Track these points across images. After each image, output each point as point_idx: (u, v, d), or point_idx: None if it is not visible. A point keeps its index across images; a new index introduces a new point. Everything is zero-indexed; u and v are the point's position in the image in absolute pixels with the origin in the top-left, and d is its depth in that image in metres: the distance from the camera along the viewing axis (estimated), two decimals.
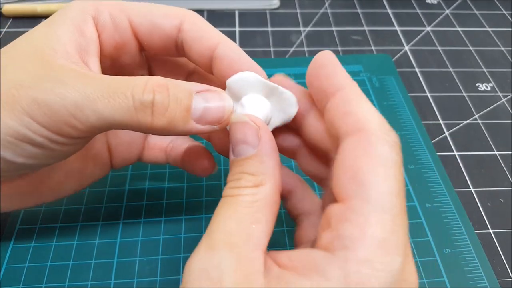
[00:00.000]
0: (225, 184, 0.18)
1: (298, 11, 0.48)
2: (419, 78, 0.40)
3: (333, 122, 0.17)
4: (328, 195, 0.20)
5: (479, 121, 0.36)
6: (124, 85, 0.17)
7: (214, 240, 0.15)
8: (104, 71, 0.21)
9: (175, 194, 0.29)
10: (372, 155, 0.15)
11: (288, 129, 0.22)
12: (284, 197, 0.22)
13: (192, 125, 0.18)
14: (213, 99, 0.18)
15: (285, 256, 0.16)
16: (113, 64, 0.23)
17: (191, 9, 0.22)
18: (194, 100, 0.18)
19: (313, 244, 0.20)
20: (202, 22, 0.21)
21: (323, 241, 0.15)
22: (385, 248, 0.14)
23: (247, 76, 0.20)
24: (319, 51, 0.19)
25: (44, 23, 0.20)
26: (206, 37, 0.21)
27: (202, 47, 0.21)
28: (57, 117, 0.17)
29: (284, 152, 0.22)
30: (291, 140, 0.22)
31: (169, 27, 0.21)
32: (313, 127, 0.20)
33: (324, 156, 0.20)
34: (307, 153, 0.21)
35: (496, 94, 0.39)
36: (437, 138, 0.35)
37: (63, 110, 0.17)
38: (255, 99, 0.20)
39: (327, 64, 0.18)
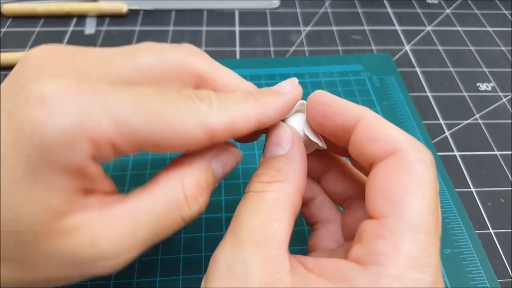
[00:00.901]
0: (225, 184, 0.18)
1: (298, 10, 0.48)
2: (419, 78, 0.40)
3: (363, 150, 0.17)
4: (351, 212, 0.21)
5: (480, 121, 0.36)
6: (167, 208, 0.17)
7: (239, 236, 0.16)
8: None
9: None
10: (408, 174, 0.15)
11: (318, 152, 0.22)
12: (304, 203, 0.22)
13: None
14: (228, 162, 0.19)
15: (311, 261, 0.16)
16: None
17: (191, 9, 0.21)
18: (214, 171, 0.18)
19: (331, 253, 0.20)
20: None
21: (354, 254, 0.15)
22: (417, 266, 0.14)
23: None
24: (319, 50, 0.19)
25: (22, 170, 0.13)
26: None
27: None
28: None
29: (313, 172, 0.22)
30: (326, 161, 0.22)
31: (191, 148, 0.17)
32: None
33: (350, 177, 0.21)
34: (334, 174, 0.22)
35: (497, 94, 0.39)
36: (438, 138, 0.35)
37: (124, 266, 0.16)
38: (297, 116, 0.20)
39: (331, 102, 0.18)
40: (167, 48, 0.18)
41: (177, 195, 0.17)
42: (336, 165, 0.22)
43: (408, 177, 0.15)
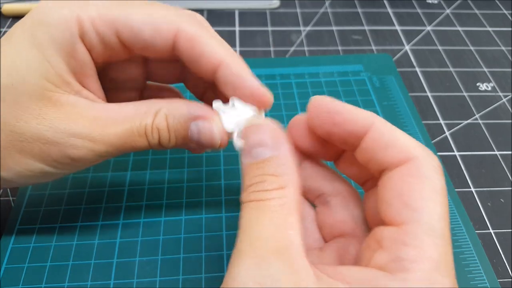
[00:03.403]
0: (225, 184, 0.18)
1: (298, 10, 0.48)
2: (419, 78, 0.40)
3: (374, 157, 0.17)
4: (328, 210, 0.21)
5: (480, 121, 0.36)
6: (138, 126, 0.20)
7: (257, 249, 0.15)
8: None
9: (175, 194, 0.29)
10: (424, 181, 0.16)
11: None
12: None
13: (191, 145, 0.21)
14: (205, 130, 0.20)
15: (331, 269, 0.16)
16: (104, 63, 0.22)
17: (191, 9, 0.22)
18: (190, 130, 0.21)
19: (320, 255, 0.20)
20: (198, 37, 0.20)
21: (376, 262, 0.16)
22: (440, 270, 0.15)
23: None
24: (319, 50, 0.19)
25: (27, 45, 0.19)
26: (204, 59, 0.21)
27: (201, 69, 0.21)
28: (86, 162, 0.20)
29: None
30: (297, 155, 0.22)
31: (162, 46, 0.21)
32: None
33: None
34: (311, 168, 0.21)
35: (497, 94, 0.39)
36: (438, 138, 0.35)
37: (93, 158, 0.20)
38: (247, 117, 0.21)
39: (340, 109, 0.18)
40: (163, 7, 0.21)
41: (149, 120, 0.20)
42: (309, 160, 0.21)
43: (424, 184, 0.16)
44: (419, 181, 0.16)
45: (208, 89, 0.26)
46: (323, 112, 0.18)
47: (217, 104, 0.21)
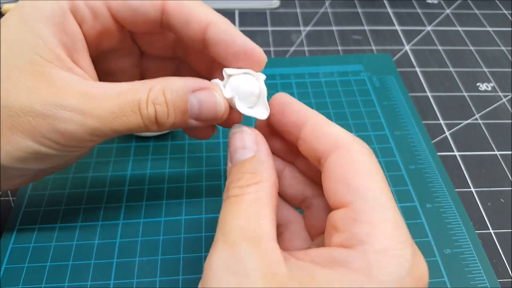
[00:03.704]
0: (225, 184, 0.18)
1: (298, 10, 0.48)
2: (419, 78, 0.40)
3: (311, 146, 0.19)
4: (312, 213, 0.21)
5: (480, 121, 0.36)
6: (131, 101, 0.19)
7: (230, 237, 0.16)
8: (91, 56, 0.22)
9: (174, 194, 0.29)
10: (356, 163, 0.17)
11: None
12: None
13: (191, 122, 0.21)
14: (206, 100, 0.20)
15: (299, 252, 0.17)
16: (97, 49, 0.22)
17: None
18: (189, 103, 0.20)
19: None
20: (185, 1, 0.21)
21: (335, 242, 0.17)
22: (395, 238, 0.16)
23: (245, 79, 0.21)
24: (319, 50, 0.20)
25: (17, 21, 0.19)
26: (193, 21, 0.21)
27: (191, 32, 0.21)
28: (77, 139, 0.19)
29: None
30: (278, 165, 0.22)
31: (152, 12, 0.21)
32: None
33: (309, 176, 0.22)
34: (291, 175, 0.22)
35: (497, 94, 0.39)
36: (438, 138, 0.35)
37: (84, 135, 0.19)
38: (245, 81, 0.21)
39: (290, 103, 0.20)
40: None
41: (143, 94, 0.19)
42: (288, 169, 0.22)
43: (356, 165, 0.17)
44: (351, 163, 0.17)
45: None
46: (278, 103, 0.20)
47: (215, 79, 0.21)
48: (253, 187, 0.18)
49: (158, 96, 0.19)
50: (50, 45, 0.19)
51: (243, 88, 0.21)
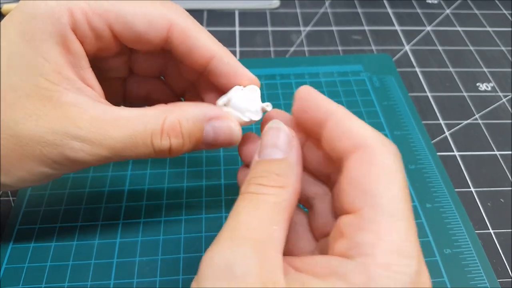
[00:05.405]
0: (225, 184, 0.18)
1: (298, 10, 0.48)
2: (419, 78, 0.40)
3: (333, 144, 0.18)
4: (316, 212, 0.21)
5: (480, 121, 0.36)
6: (143, 132, 0.19)
7: (237, 235, 0.15)
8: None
9: (175, 194, 0.29)
10: (376, 166, 0.16)
11: None
12: None
13: (201, 147, 0.21)
14: (221, 128, 0.20)
15: (297, 260, 0.16)
16: (93, 58, 0.22)
17: (191, 9, 0.22)
18: (204, 132, 0.20)
19: (313, 253, 0.20)
20: (191, 31, 0.21)
21: (338, 250, 0.16)
22: (401, 252, 0.15)
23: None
24: (319, 51, 0.19)
25: (19, 39, 0.18)
26: (196, 53, 0.21)
27: (192, 62, 0.21)
28: (87, 165, 0.19)
29: None
30: None
31: (154, 39, 0.20)
32: (311, 155, 0.21)
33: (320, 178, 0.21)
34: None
35: (497, 94, 0.39)
36: (438, 138, 0.35)
37: (93, 162, 0.19)
38: (243, 97, 0.21)
39: (313, 97, 0.19)
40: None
41: (156, 125, 0.19)
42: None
43: (377, 169, 0.16)
44: (372, 166, 0.16)
45: (189, 88, 0.26)
46: (298, 99, 0.19)
47: (220, 100, 0.21)
48: (276, 189, 0.17)
49: (174, 128, 0.19)
50: (58, 66, 0.19)
51: (243, 106, 0.21)
